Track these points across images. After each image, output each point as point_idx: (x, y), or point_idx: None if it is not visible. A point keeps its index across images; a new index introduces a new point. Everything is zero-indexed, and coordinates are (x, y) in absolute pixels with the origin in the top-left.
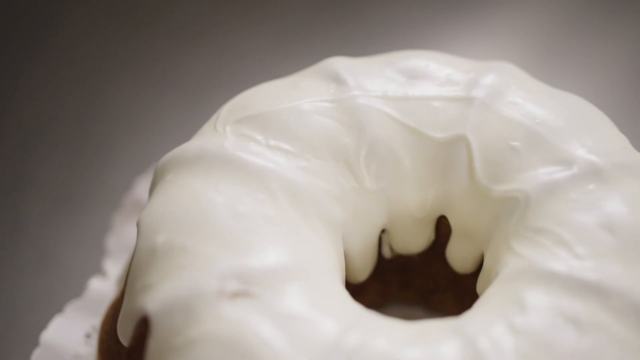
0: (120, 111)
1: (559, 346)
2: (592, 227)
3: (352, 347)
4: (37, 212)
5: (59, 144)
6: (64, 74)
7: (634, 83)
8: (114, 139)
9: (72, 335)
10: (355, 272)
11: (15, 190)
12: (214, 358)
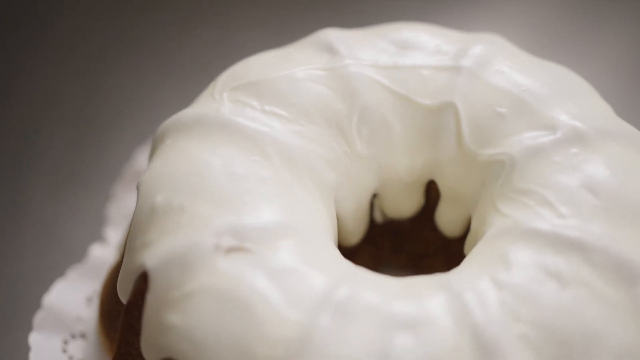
0: (120, 84)
1: (542, 299)
2: (575, 189)
3: (342, 300)
4: (40, 183)
5: (60, 118)
6: (64, 48)
7: (631, 68)
8: (114, 111)
9: (73, 298)
10: (348, 234)
11: (18, 162)
12: (210, 310)
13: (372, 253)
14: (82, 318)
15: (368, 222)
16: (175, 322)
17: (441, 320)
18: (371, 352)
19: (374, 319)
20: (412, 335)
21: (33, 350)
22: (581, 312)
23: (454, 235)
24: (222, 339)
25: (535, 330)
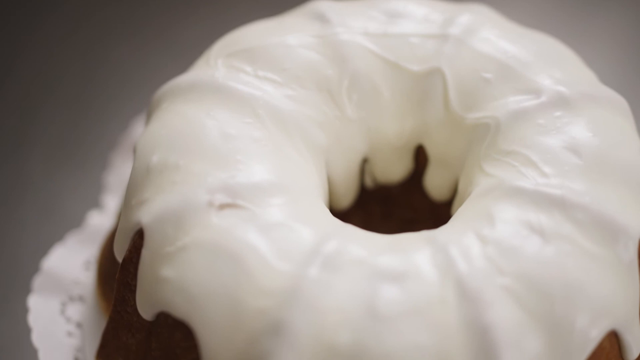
0: (118, 56)
1: (525, 253)
2: (558, 149)
3: (330, 253)
4: (40, 153)
5: (60, 90)
6: (63, 22)
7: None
8: (112, 82)
9: (71, 263)
10: (339, 197)
11: (19, 132)
12: (203, 263)
13: (362, 218)
14: (80, 282)
15: (358, 187)
16: (168, 276)
17: (426, 272)
18: (358, 302)
19: (361, 271)
20: (397, 286)
21: (32, 312)
22: (563, 265)
23: (442, 199)
24: (214, 290)
25: (517, 282)
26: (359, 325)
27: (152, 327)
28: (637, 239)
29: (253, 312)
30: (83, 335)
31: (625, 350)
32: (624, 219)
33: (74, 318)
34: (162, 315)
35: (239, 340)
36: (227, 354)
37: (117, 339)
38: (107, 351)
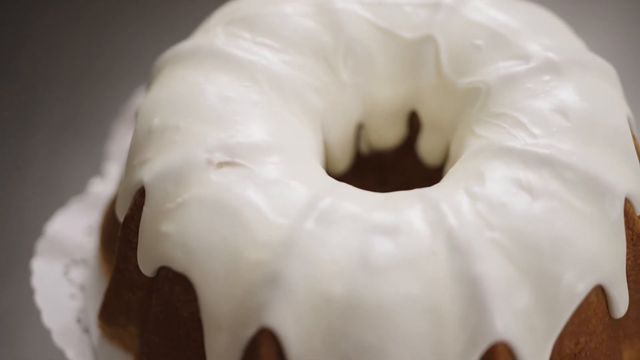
0: (120, 28)
1: (514, 209)
2: (547, 112)
3: (325, 208)
4: (44, 123)
5: (63, 61)
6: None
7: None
8: (114, 53)
9: (74, 227)
10: (335, 161)
11: (24, 103)
12: (202, 218)
13: (357, 185)
14: (82, 246)
15: (354, 151)
16: (169, 231)
17: (418, 226)
18: (352, 255)
19: (354, 225)
20: (390, 240)
21: (35, 274)
22: (551, 221)
23: (434, 163)
24: (213, 244)
25: (506, 236)
26: (353, 277)
27: (152, 283)
28: (623, 198)
29: (250, 264)
30: (86, 297)
31: (612, 306)
32: (610, 178)
33: (76, 280)
34: (162, 270)
35: (236, 292)
36: (225, 306)
37: (119, 298)
38: (109, 311)
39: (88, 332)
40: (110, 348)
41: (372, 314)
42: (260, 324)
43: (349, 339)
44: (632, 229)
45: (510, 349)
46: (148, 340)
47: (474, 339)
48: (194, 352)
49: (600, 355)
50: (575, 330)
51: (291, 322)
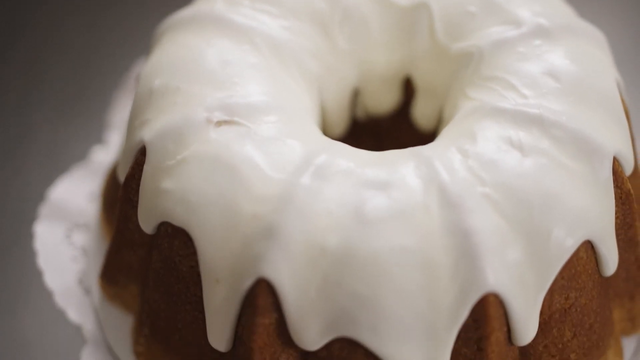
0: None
1: (504, 166)
2: (538, 75)
3: (321, 164)
4: (46, 94)
5: (66, 31)
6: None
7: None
8: (116, 23)
9: (77, 193)
10: (331, 125)
11: (27, 75)
12: (201, 173)
13: None
14: (85, 211)
15: (350, 116)
16: (169, 187)
17: (411, 181)
18: (346, 208)
19: (349, 180)
20: (383, 194)
21: (38, 237)
22: (540, 177)
23: (428, 129)
24: (212, 198)
25: (497, 191)
26: (347, 229)
27: (152, 241)
28: (612, 157)
29: (247, 218)
30: (87, 260)
31: (601, 263)
32: (599, 137)
33: (78, 243)
34: (162, 226)
35: (234, 245)
36: (223, 258)
37: (120, 258)
38: (110, 271)
39: (89, 293)
40: (112, 309)
41: (365, 264)
42: (257, 275)
43: (343, 289)
44: (621, 187)
45: (501, 300)
46: (148, 298)
47: (466, 290)
48: (192, 306)
49: (590, 311)
50: (565, 285)
51: (287, 272)
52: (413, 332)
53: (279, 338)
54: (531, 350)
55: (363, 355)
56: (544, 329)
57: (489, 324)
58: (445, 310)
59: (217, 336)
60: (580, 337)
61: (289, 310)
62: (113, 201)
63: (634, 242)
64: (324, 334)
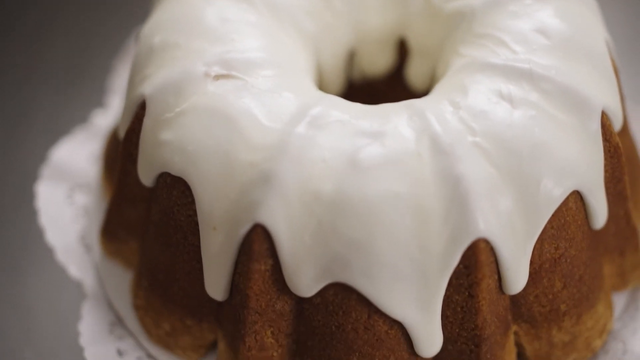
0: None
1: (495, 116)
2: (528, 32)
3: (316, 115)
4: (50, 59)
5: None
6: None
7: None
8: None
9: (78, 154)
10: (327, 85)
11: (31, 37)
12: (199, 124)
13: None
14: (86, 172)
15: (345, 77)
16: (168, 138)
17: (403, 131)
18: (341, 155)
19: (344, 130)
20: (377, 142)
21: (40, 196)
22: (530, 127)
23: (422, 89)
24: (209, 147)
25: (487, 140)
26: (341, 175)
27: (152, 195)
28: (600, 110)
29: (244, 166)
30: (89, 219)
31: (591, 215)
32: (587, 91)
33: (80, 203)
34: (161, 177)
35: (231, 192)
36: (220, 205)
37: (120, 214)
38: (111, 227)
39: (90, 251)
40: (112, 265)
41: (359, 210)
42: (253, 221)
43: (337, 233)
44: (610, 140)
45: (491, 247)
46: (147, 251)
47: (457, 235)
48: (190, 256)
49: (580, 263)
50: (554, 234)
51: (282, 218)
52: (405, 277)
53: (274, 285)
54: (522, 300)
55: (356, 300)
56: (534, 278)
57: (480, 270)
58: (437, 255)
59: (214, 285)
60: (570, 288)
61: (284, 255)
62: (114, 161)
63: (623, 197)
64: (318, 279)
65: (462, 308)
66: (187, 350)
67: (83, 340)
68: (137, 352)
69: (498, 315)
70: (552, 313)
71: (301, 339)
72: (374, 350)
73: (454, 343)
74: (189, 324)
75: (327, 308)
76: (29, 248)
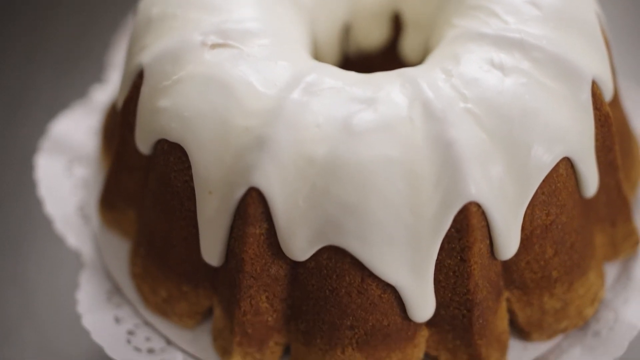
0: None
1: (486, 83)
2: (520, 3)
3: (310, 82)
4: (52, 33)
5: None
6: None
7: None
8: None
9: (78, 127)
10: (323, 58)
11: (34, 12)
12: (196, 91)
13: None
14: (85, 145)
15: (341, 51)
16: (165, 105)
17: (396, 97)
18: (334, 120)
19: (337, 96)
20: (370, 108)
21: (39, 168)
22: (521, 94)
23: (416, 62)
24: (206, 113)
25: (479, 106)
26: (335, 140)
27: (149, 163)
28: (591, 80)
29: (240, 131)
30: (88, 191)
31: (581, 183)
32: (578, 61)
33: (79, 175)
34: (158, 144)
35: (226, 156)
36: (216, 170)
37: (118, 183)
38: (109, 196)
39: (89, 222)
40: (110, 235)
41: (352, 173)
42: (248, 185)
43: (330, 197)
44: (600, 109)
45: (483, 211)
46: (145, 219)
47: (448, 199)
48: (187, 222)
49: (572, 230)
50: (545, 200)
51: (277, 182)
52: (398, 240)
53: (269, 249)
54: (513, 267)
55: (350, 264)
56: (525, 244)
57: (471, 234)
58: (429, 219)
59: (210, 250)
60: (561, 255)
61: (278, 218)
62: (112, 134)
63: (613, 166)
64: (312, 242)
65: (454, 272)
66: (183, 317)
67: (81, 307)
68: (134, 320)
69: (490, 281)
70: (543, 280)
71: (296, 304)
72: (367, 314)
73: (446, 308)
74: (185, 290)
75: (321, 272)
76: (28, 221)
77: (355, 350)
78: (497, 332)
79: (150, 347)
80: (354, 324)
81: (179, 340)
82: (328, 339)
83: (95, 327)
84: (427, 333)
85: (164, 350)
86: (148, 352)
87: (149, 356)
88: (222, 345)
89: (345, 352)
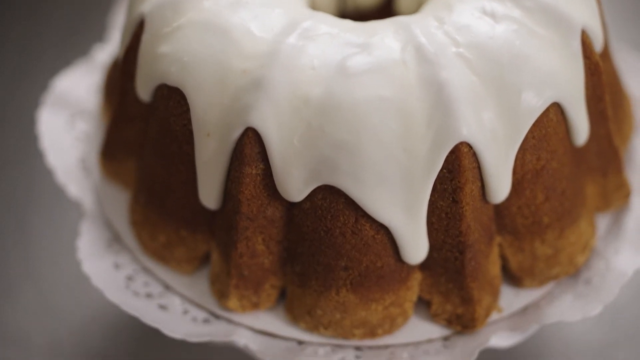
0: None
1: (478, 30)
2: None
3: (306, 27)
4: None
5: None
6: None
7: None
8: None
9: (79, 83)
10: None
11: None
12: (195, 37)
13: None
14: (87, 100)
15: (337, 7)
16: (165, 51)
17: (390, 42)
18: (329, 62)
19: (333, 41)
20: (364, 52)
21: (41, 122)
22: (512, 40)
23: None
24: (204, 57)
25: (470, 51)
26: (330, 81)
27: (149, 111)
28: (580, 28)
29: (237, 73)
30: (89, 144)
31: (572, 130)
32: (568, 10)
33: (80, 129)
34: (158, 90)
35: (224, 98)
36: (214, 112)
37: (119, 134)
38: (110, 148)
39: (90, 174)
40: (111, 186)
41: (346, 113)
42: (245, 125)
43: (325, 135)
44: (590, 58)
45: (474, 152)
46: (144, 166)
47: (440, 139)
48: (185, 166)
49: (562, 177)
50: (536, 144)
51: (273, 122)
52: (391, 180)
53: (265, 190)
54: (505, 212)
55: (344, 204)
56: (517, 189)
57: (463, 174)
58: (421, 159)
59: (207, 193)
60: (552, 201)
61: (274, 158)
62: (113, 90)
63: (604, 116)
64: (307, 182)
65: (447, 214)
66: (181, 262)
67: (81, 254)
68: (133, 266)
69: (482, 224)
70: (534, 225)
71: (291, 246)
72: (361, 255)
73: (439, 250)
74: (183, 235)
75: (315, 213)
76: (30, 174)
77: (350, 291)
78: (490, 276)
79: (149, 291)
80: (348, 265)
81: (177, 285)
82: (323, 280)
83: (94, 272)
84: (420, 276)
85: (162, 295)
86: (146, 296)
87: (147, 300)
88: (219, 289)
89: (339, 293)
